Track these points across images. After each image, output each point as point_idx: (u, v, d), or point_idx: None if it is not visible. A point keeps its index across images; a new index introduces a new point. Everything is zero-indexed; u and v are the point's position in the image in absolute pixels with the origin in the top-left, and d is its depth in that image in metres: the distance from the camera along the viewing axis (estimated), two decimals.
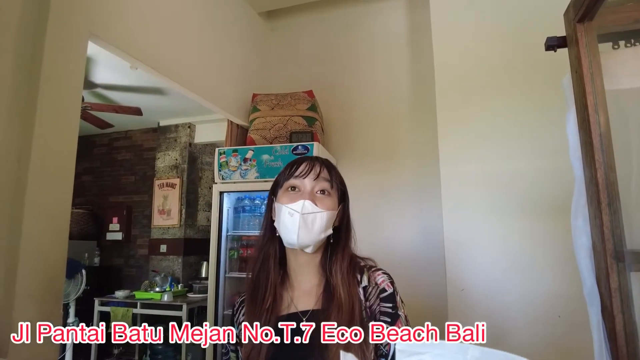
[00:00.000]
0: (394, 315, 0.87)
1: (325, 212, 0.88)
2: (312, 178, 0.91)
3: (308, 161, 0.94)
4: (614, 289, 0.77)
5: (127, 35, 1.92)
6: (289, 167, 0.94)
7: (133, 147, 5.20)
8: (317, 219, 0.87)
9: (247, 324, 0.91)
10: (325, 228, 0.89)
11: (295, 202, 0.88)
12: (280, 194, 0.93)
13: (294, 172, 0.92)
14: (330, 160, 0.99)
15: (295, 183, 0.92)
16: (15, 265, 1.32)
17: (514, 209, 2.09)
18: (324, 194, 0.91)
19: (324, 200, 0.90)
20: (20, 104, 1.40)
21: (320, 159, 0.96)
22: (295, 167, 0.93)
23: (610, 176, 0.80)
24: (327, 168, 0.94)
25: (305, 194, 0.89)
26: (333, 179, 0.93)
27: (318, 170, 0.92)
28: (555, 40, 0.96)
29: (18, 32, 1.41)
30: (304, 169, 0.92)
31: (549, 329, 1.93)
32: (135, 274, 4.86)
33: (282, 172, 0.96)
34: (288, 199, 0.90)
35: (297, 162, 0.94)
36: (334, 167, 0.97)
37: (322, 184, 0.91)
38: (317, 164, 0.93)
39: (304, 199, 0.88)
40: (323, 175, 0.92)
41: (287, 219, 0.88)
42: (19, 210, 1.35)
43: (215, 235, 2.74)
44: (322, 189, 0.91)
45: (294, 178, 0.91)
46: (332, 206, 0.91)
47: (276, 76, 3.45)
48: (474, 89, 2.29)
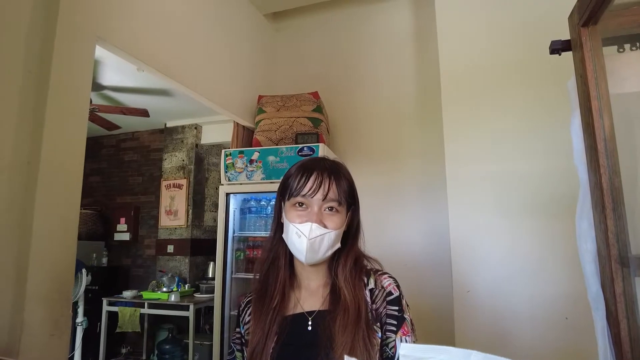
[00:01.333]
0: (399, 318, 0.88)
1: (333, 232, 0.88)
2: (321, 198, 0.88)
3: (317, 173, 0.90)
4: (618, 294, 0.77)
5: (133, 38, 1.94)
6: (298, 178, 0.91)
7: (140, 148, 5.24)
8: (325, 239, 0.87)
9: (253, 322, 0.92)
10: (333, 245, 0.89)
11: (303, 224, 0.87)
12: (288, 207, 0.92)
13: (302, 188, 0.89)
14: (339, 165, 0.96)
15: (303, 200, 0.89)
16: (26, 267, 1.34)
17: (521, 210, 2.08)
18: (332, 211, 0.90)
19: (332, 218, 0.89)
20: (30, 107, 1.43)
21: (329, 167, 0.92)
22: (304, 181, 0.89)
23: (615, 181, 0.80)
24: (336, 181, 0.90)
25: (312, 215, 0.88)
26: (342, 193, 0.90)
27: (327, 187, 0.89)
28: (559, 44, 0.95)
29: (27, 37, 1.43)
30: (312, 187, 0.88)
31: (555, 331, 1.92)
32: (143, 274, 4.90)
33: (291, 178, 0.92)
34: (296, 216, 0.89)
35: (306, 173, 0.90)
36: (344, 174, 0.94)
37: (330, 203, 0.89)
38: (327, 179, 0.89)
39: (311, 220, 0.87)
40: (331, 194, 0.89)
41: (295, 239, 0.88)
42: (29, 212, 1.37)
43: (221, 236, 2.75)
44: (330, 206, 0.89)
45: (302, 197, 0.89)
46: (339, 223, 0.90)
47: (282, 77, 3.46)
48: (479, 88, 2.28)
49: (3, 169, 1.33)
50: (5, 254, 1.32)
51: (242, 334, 0.98)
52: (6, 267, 1.32)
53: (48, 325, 1.40)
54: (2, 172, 1.33)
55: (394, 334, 0.87)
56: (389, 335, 0.87)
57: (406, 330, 0.87)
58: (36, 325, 1.35)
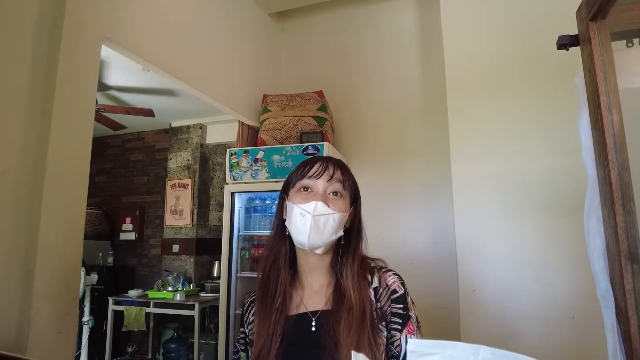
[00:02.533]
0: (405, 316, 0.87)
1: (337, 214, 0.88)
2: (326, 179, 0.90)
3: (322, 161, 0.93)
4: (628, 290, 0.76)
5: (139, 38, 1.95)
6: (302, 167, 0.93)
7: (145, 148, 5.27)
8: (329, 220, 0.87)
9: (257, 322, 0.91)
10: (337, 230, 0.89)
11: (307, 203, 0.88)
12: (292, 193, 0.92)
13: (307, 172, 0.91)
14: (343, 162, 0.98)
15: (308, 183, 0.91)
16: (33, 266, 1.35)
17: (527, 209, 2.06)
18: (337, 196, 0.90)
19: (336, 201, 0.90)
20: (37, 107, 1.43)
21: (334, 160, 0.95)
22: (309, 167, 0.92)
23: (624, 176, 0.79)
24: (340, 169, 0.93)
25: (317, 195, 0.89)
26: (346, 180, 0.92)
27: (332, 171, 0.91)
28: (567, 39, 0.94)
29: (34, 38, 1.44)
30: (318, 170, 0.91)
31: (562, 330, 1.90)
32: (148, 274, 4.93)
33: (295, 171, 0.95)
34: (300, 199, 0.90)
35: (311, 162, 0.93)
36: (347, 169, 0.96)
37: (335, 185, 0.90)
38: (331, 165, 0.92)
39: (316, 200, 0.87)
40: (336, 176, 0.91)
41: (298, 219, 0.88)
42: (36, 211, 1.38)
43: (226, 235, 2.76)
44: (334, 190, 0.90)
45: (307, 178, 0.90)
46: (344, 208, 0.90)
47: (286, 77, 3.46)
48: (485, 87, 2.27)
49: (11, 168, 1.34)
50: (13, 252, 1.33)
51: (246, 333, 0.97)
52: (14, 265, 1.32)
53: (55, 323, 1.41)
54: (10, 171, 1.34)
55: (399, 332, 0.86)
56: (394, 334, 0.86)
57: (411, 328, 0.86)
58: (43, 323, 1.36)
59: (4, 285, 1.29)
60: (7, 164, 1.33)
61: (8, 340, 1.28)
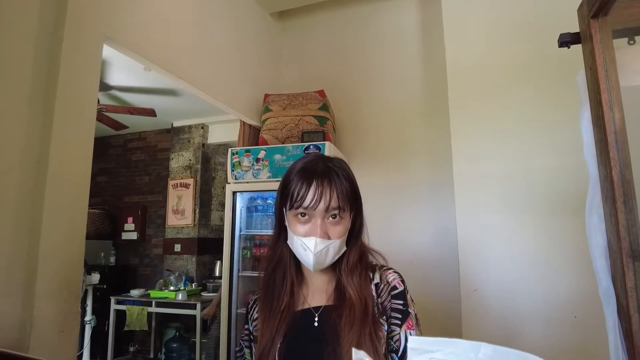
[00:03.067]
0: (404, 312, 0.88)
1: (337, 242, 0.87)
2: (323, 209, 0.85)
3: (317, 182, 0.86)
4: (630, 288, 0.76)
5: (140, 38, 1.95)
6: (298, 188, 0.87)
7: (147, 147, 5.28)
8: (330, 249, 0.86)
9: (261, 320, 0.92)
10: (339, 252, 0.89)
11: (307, 238, 0.86)
12: (291, 216, 0.89)
13: (303, 200, 0.85)
14: (338, 166, 0.92)
15: (305, 212, 0.87)
16: (35, 265, 1.35)
17: (529, 208, 2.06)
18: (336, 219, 0.87)
19: (335, 228, 0.87)
20: (39, 107, 1.44)
21: (329, 172, 0.88)
22: (305, 192, 0.85)
23: (625, 174, 0.79)
24: (337, 186, 0.87)
25: (316, 227, 0.85)
26: (344, 199, 0.87)
27: (328, 196, 0.85)
28: (568, 37, 0.94)
29: (36, 38, 1.45)
30: (314, 198, 0.85)
31: (564, 330, 1.90)
32: (150, 273, 4.94)
33: (291, 186, 0.88)
34: (300, 228, 0.87)
35: (306, 181, 0.87)
36: (344, 176, 0.90)
37: (333, 211, 0.86)
38: (327, 187, 0.86)
39: (315, 234, 0.85)
40: (333, 203, 0.86)
41: (301, 251, 0.87)
42: (38, 210, 1.39)
43: (228, 234, 2.76)
44: (333, 214, 0.87)
45: (304, 208, 0.86)
46: (343, 230, 0.89)
47: (288, 76, 3.46)
48: (487, 86, 2.26)
49: (13, 167, 1.35)
50: (15, 251, 1.33)
51: (251, 330, 0.98)
52: (16, 264, 1.33)
53: (57, 322, 1.41)
54: (13, 170, 1.34)
55: (399, 327, 0.87)
56: (394, 329, 0.87)
57: (411, 324, 0.87)
58: (45, 321, 1.37)
59: (6, 285, 1.30)
60: (10, 163, 1.34)
61: (11, 339, 1.28)
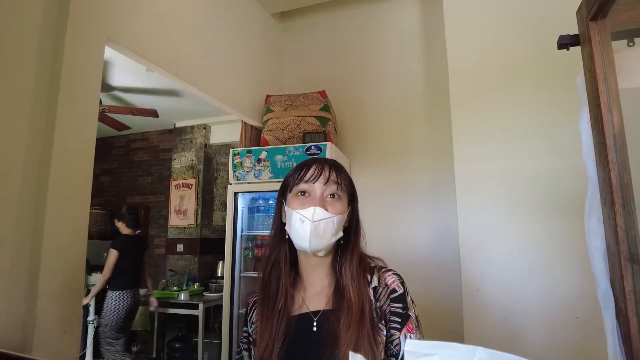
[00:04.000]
0: (404, 315, 0.87)
1: (336, 217, 0.88)
2: (322, 182, 0.90)
3: (317, 164, 0.93)
4: (628, 291, 0.76)
5: (142, 39, 1.96)
6: (298, 171, 0.93)
7: (149, 148, 5.30)
8: (329, 224, 0.88)
9: (259, 323, 0.92)
10: (337, 232, 0.90)
11: (306, 209, 0.88)
12: (290, 198, 0.93)
13: (304, 176, 0.91)
14: (338, 162, 0.98)
15: (305, 188, 0.91)
16: (38, 265, 1.36)
17: (531, 208, 2.05)
18: (334, 198, 0.91)
19: (334, 204, 0.90)
20: (42, 108, 1.45)
21: (329, 161, 0.95)
22: (305, 171, 0.92)
23: (624, 177, 0.79)
24: (336, 170, 0.93)
25: (315, 200, 0.89)
26: (342, 181, 0.93)
27: (327, 173, 0.91)
28: (567, 39, 0.94)
29: (39, 40, 1.46)
30: (314, 173, 0.91)
31: (566, 331, 1.89)
32: (153, 273, 4.94)
33: (291, 174, 0.95)
34: (298, 204, 0.90)
35: (306, 165, 0.94)
36: (343, 169, 0.96)
37: (331, 187, 0.91)
38: (327, 167, 0.92)
39: (314, 205, 0.88)
40: (332, 178, 0.91)
41: (298, 225, 0.88)
42: (41, 210, 1.40)
43: (230, 235, 2.77)
44: (332, 192, 0.91)
45: (304, 183, 0.91)
46: (342, 209, 0.91)
47: (289, 77, 3.46)
48: (488, 86, 2.26)
49: (16, 168, 1.36)
50: (18, 252, 1.34)
51: (250, 333, 0.99)
52: (19, 265, 1.34)
53: (60, 322, 1.42)
54: (16, 171, 1.36)
55: (398, 331, 0.87)
56: (393, 333, 0.87)
57: (411, 327, 0.87)
58: (48, 322, 1.37)
59: (9, 285, 1.31)
60: (12, 164, 1.35)
61: (14, 340, 1.29)
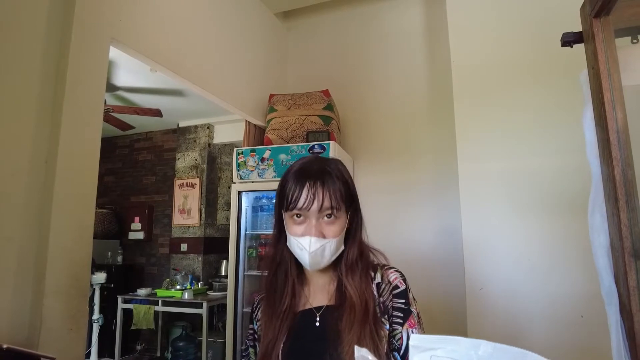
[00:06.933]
0: (406, 311, 0.88)
1: (333, 240, 0.88)
2: (316, 209, 0.86)
3: (310, 183, 0.87)
4: (632, 287, 0.76)
5: (146, 39, 1.97)
6: (292, 189, 0.88)
7: (153, 148, 5.31)
8: (326, 248, 0.87)
9: (264, 321, 0.93)
10: (335, 251, 0.89)
11: (302, 238, 0.87)
12: (287, 218, 0.91)
13: (297, 201, 0.87)
14: (331, 168, 0.91)
15: (300, 212, 0.88)
16: (44, 264, 1.38)
17: (534, 207, 2.05)
18: (331, 218, 0.88)
19: (330, 227, 0.88)
20: (48, 108, 1.46)
21: (322, 173, 0.89)
22: (298, 193, 0.87)
23: (628, 173, 0.79)
24: (331, 186, 0.88)
25: (311, 227, 0.87)
26: (338, 199, 0.88)
27: (321, 196, 0.86)
28: (571, 36, 0.94)
29: (44, 41, 1.47)
30: (307, 199, 0.86)
31: (571, 329, 1.89)
32: (157, 272, 4.97)
33: (287, 188, 0.90)
34: (295, 226, 0.89)
35: (299, 183, 0.88)
36: (338, 176, 0.90)
37: (327, 211, 0.87)
38: (320, 188, 0.86)
39: (310, 233, 0.86)
40: (326, 203, 0.86)
41: (297, 251, 0.89)
42: (47, 210, 1.41)
43: (234, 234, 2.78)
44: (328, 213, 0.88)
45: (298, 209, 0.87)
46: (339, 230, 0.89)
47: (293, 76, 3.47)
48: (491, 85, 2.26)
49: (22, 167, 1.37)
50: (25, 251, 1.35)
51: (255, 330, 1.00)
52: (25, 263, 1.35)
53: (66, 320, 1.43)
54: (22, 170, 1.37)
55: (401, 326, 0.87)
56: (396, 328, 0.88)
57: (413, 322, 0.88)
58: (54, 320, 1.39)
59: (16, 284, 1.32)
60: (19, 164, 1.36)
61: (21, 337, 1.31)
